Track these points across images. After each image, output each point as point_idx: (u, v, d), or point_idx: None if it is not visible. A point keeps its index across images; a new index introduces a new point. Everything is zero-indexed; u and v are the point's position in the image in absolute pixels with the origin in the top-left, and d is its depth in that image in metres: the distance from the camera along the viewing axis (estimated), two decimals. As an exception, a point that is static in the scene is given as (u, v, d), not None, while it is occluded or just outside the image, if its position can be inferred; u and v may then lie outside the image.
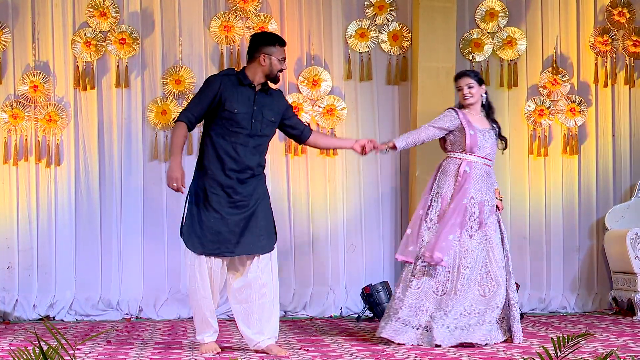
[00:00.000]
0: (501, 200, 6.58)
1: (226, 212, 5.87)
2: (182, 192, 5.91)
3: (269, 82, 6.04)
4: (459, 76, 6.63)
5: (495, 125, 6.63)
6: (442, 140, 6.61)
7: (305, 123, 6.97)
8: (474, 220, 6.33)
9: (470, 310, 6.22)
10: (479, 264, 6.29)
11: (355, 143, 6.39)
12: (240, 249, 5.87)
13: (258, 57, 5.99)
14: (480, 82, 6.59)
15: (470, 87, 6.51)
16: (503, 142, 6.71)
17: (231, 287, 5.96)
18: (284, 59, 6.05)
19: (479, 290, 6.29)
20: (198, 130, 7.58)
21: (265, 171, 6.07)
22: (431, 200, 6.45)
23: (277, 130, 6.16)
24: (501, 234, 6.44)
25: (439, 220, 6.35)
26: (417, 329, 6.22)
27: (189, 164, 6.70)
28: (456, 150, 6.50)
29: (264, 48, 5.99)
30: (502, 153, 7.43)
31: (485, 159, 6.48)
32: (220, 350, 5.93)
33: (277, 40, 6.07)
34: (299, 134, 6.24)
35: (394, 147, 6.48)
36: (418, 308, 6.24)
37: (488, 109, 6.65)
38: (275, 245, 5.98)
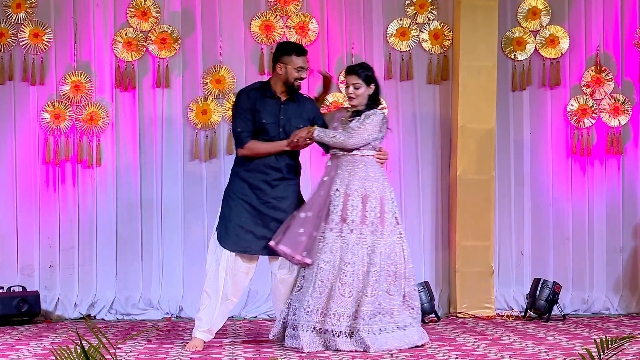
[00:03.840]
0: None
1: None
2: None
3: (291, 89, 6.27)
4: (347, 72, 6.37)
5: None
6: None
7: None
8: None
9: None
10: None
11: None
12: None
13: (276, 66, 6.23)
14: (369, 81, 6.33)
15: (357, 88, 6.31)
16: None
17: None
18: (302, 67, 6.22)
19: None
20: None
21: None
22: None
23: None
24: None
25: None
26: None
27: (229, 162, 6.72)
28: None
29: (282, 57, 6.23)
30: None
31: None
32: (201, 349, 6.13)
33: (294, 50, 6.26)
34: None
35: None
36: None
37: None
38: None
